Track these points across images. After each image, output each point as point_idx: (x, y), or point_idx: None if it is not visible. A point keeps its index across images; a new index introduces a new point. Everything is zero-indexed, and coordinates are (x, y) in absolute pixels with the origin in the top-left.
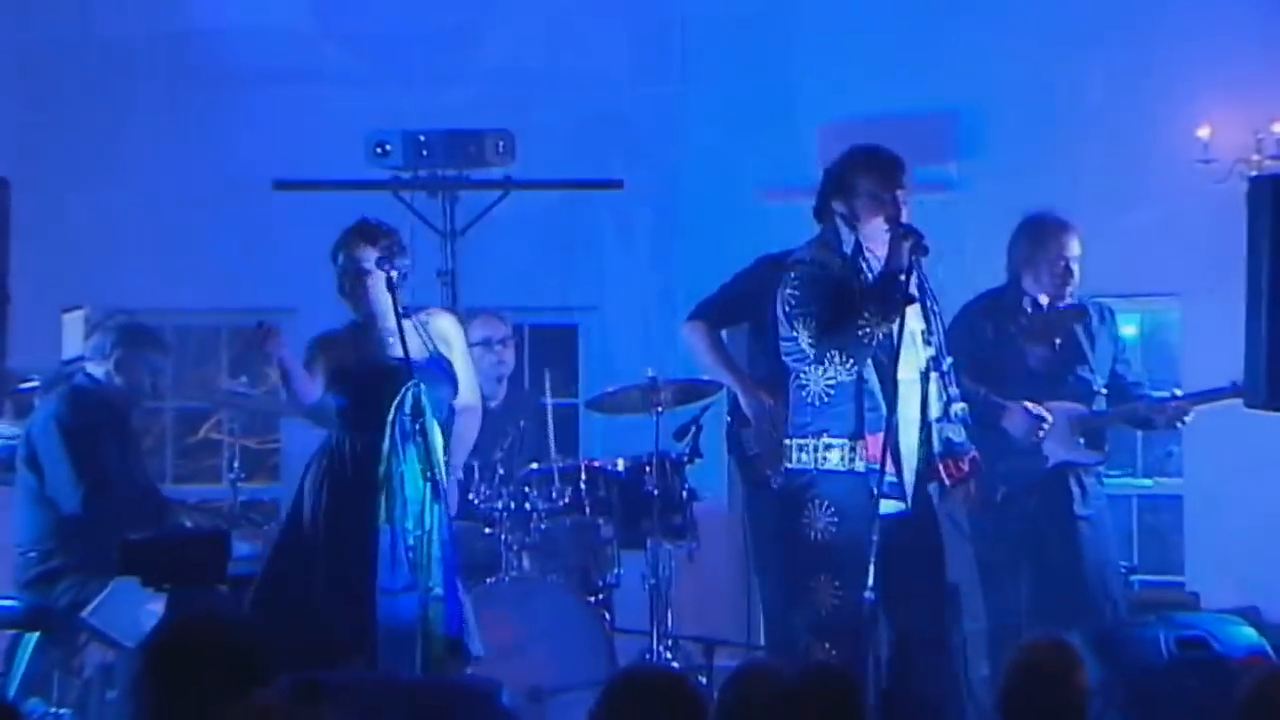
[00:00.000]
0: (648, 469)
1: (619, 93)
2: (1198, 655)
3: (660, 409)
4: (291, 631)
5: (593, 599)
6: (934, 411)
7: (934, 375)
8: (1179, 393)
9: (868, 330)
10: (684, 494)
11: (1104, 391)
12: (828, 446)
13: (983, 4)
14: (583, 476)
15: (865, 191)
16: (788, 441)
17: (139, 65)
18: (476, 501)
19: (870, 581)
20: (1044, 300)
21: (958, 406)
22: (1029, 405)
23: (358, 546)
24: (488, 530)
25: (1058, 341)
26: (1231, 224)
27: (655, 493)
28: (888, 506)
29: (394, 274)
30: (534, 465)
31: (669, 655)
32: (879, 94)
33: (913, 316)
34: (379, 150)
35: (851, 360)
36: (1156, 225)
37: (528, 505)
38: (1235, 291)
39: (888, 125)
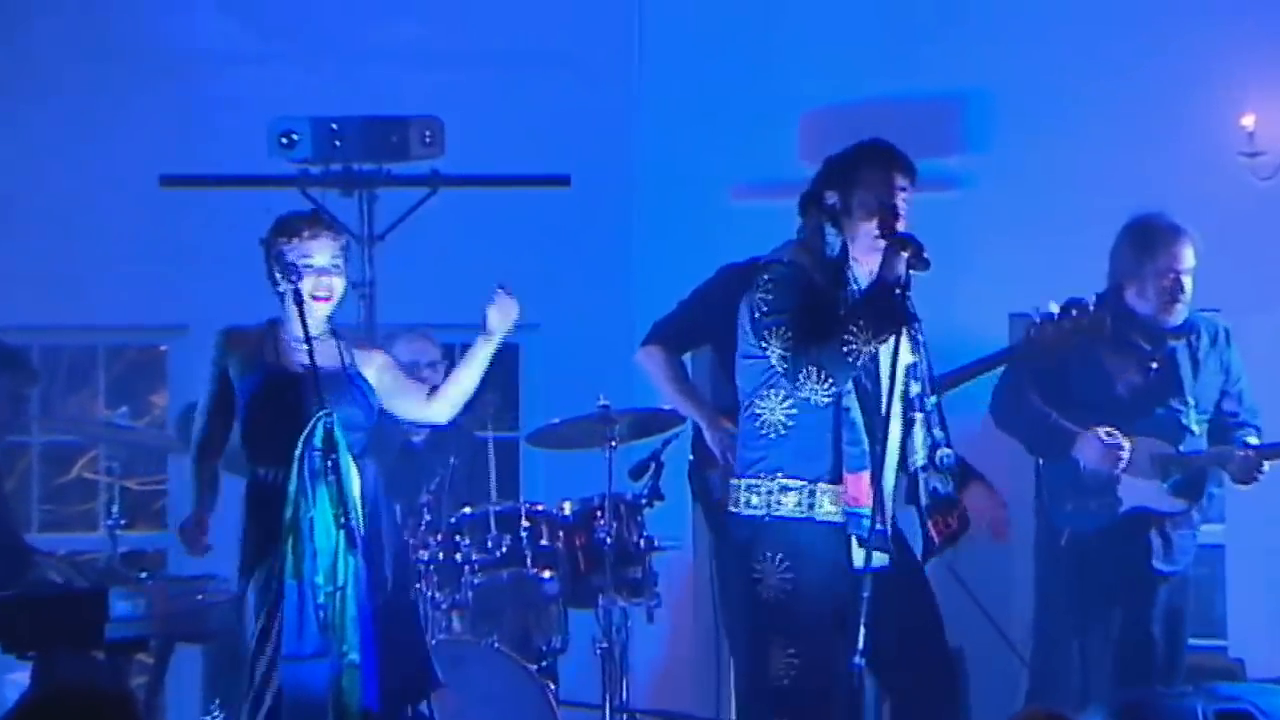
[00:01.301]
0: (599, 513)
1: (566, 76)
2: None
3: (614, 443)
4: None
5: (535, 666)
6: (918, 459)
7: (918, 416)
8: (1252, 440)
9: (854, 347)
10: (641, 543)
11: (1195, 429)
12: (784, 489)
13: None
14: (523, 522)
15: (866, 185)
16: (735, 482)
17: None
18: None
19: (860, 646)
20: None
21: (943, 452)
22: (1104, 433)
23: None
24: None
25: (1154, 366)
26: None
27: (608, 541)
28: (864, 558)
29: (300, 285)
30: (466, 509)
31: None
32: (871, 78)
33: (902, 345)
34: (284, 140)
35: (830, 381)
36: (1194, 228)
37: (459, 556)
38: None
39: (881, 112)
